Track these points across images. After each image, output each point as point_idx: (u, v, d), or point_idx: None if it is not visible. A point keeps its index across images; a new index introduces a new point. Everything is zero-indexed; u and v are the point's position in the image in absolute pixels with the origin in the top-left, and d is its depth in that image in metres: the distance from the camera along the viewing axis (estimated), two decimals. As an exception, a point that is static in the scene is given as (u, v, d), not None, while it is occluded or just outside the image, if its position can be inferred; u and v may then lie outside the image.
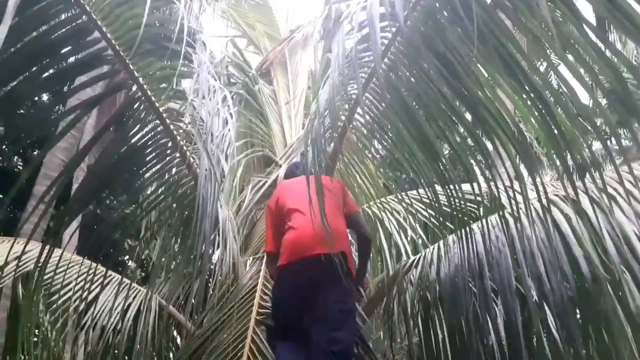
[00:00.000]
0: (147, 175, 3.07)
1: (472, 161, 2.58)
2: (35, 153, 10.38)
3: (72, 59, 2.78)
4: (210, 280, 3.34)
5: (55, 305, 3.67)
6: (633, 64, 1.94)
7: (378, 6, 2.12)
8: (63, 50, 2.73)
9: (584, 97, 2.11)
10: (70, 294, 3.56)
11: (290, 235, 2.58)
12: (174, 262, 4.16)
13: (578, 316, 2.40)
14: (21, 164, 10.54)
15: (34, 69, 2.70)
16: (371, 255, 3.29)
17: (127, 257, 10.57)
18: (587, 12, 2.08)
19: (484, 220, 2.65)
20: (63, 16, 2.69)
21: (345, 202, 2.77)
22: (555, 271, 2.22)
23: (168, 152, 3.03)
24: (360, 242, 2.88)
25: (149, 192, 3.26)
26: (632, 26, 1.75)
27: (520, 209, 2.31)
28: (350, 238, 2.85)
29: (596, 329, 2.28)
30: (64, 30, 2.69)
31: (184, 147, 3.04)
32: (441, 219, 3.15)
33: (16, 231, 6.36)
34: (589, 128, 2.11)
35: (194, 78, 2.60)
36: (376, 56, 2.02)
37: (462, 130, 2.58)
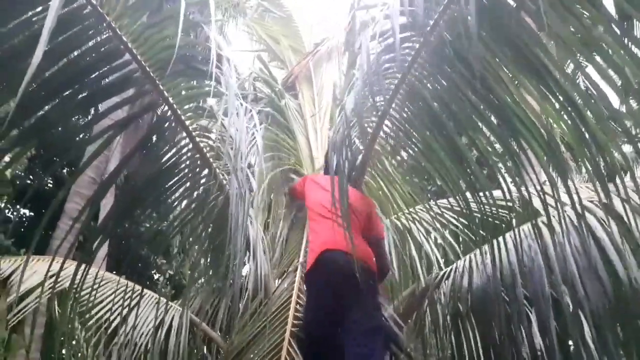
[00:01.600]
0: (178, 193, 3.12)
1: (501, 166, 2.56)
2: (64, 171, 10.64)
3: (103, 82, 2.86)
4: (242, 295, 3.36)
5: (90, 323, 3.74)
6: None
7: (399, 16, 2.13)
8: (95, 74, 2.81)
9: (614, 99, 2.08)
10: (104, 311, 3.62)
11: (315, 239, 2.62)
12: (204, 278, 4.20)
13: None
14: (51, 181, 10.80)
15: (67, 92, 2.79)
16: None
17: (156, 274, 10.72)
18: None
19: (516, 230, 2.61)
20: (95, 40, 2.77)
21: (370, 223, 2.74)
22: (590, 278, 2.17)
23: (197, 169, 3.08)
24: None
25: (179, 210, 3.30)
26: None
27: (553, 216, 2.27)
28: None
29: (636, 336, 2.22)
30: (95, 54, 2.76)
31: (213, 164, 3.09)
32: (473, 227, 3.11)
33: (49, 249, 6.51)
34: (619, 130, 2.07)
35: (222, 98, 2.64)
36: (399, 65, 2.03)
37: (489, 135, 2.56)
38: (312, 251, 2.62)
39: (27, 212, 11.51)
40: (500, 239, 2.66)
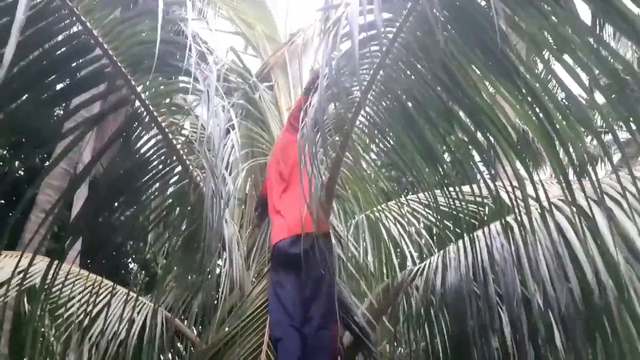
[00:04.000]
0: (152, 189, 3.10)
1: (471, 163, 2.61)
2: (37, 159, 10.39)
3: (76, 76, 2.81)
4: (218, 294, 3.36)
5: (59, 320, 3.70)
6: (628, 62, 1.95)
7: (358, 16, 2.13)
8: (66, 68, 2.76)
9: (580, 93, 2.15)
10: (75, 307, 3.58)
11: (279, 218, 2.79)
12: (178, 273, 4.18)
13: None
14: (22, 170, 10.54)
15: (38, 86, 2.74)
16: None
17: (130, 263, 10.61)
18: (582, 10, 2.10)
19: (487, 228, 2.66)
20: (65, 33, 2.72)
21: None
22: (559, 277, 2.24)
23: (171, 166, 3.06)
24: None
25: (154, 205, 3.28)
26: (626, 24, 1.77)
27: (523, 212, 2.33)
28: None
29: (602, 334, 2.29)
30: (66, 48, 2.72)
31: (187, 161, 3.07)
32: (445, 222, 3.17)
33: (20, 241, 6.38)
34: (585, 128, 2.12)
35: (198, 94, 2.63)
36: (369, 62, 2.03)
37: (459, 132, 2.60)
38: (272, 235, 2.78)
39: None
40: (474, 235, 2.71)
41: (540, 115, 2.07)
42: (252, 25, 6.14)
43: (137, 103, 2.81)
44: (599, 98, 2.07)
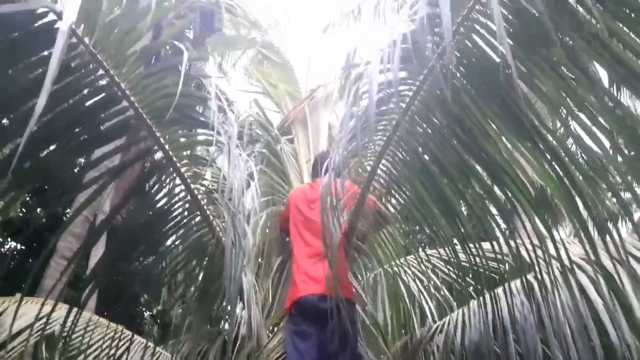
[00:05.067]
0: (171, 239, 3.13)
1: (489, 219, 2.60)
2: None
3: (101, 127, 2.90)
4: (233, 345, 3.33)
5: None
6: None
7: (377, 74, 2.20)
8: (93, 119, 2.86)
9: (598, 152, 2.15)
10: (93, 356, 3.56)
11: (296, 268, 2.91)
12: (194, 322, 4.16)
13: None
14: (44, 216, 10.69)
15: (65, 137, 2.83)
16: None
17: (146, 312, 10.56)
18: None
19: (507, 285, 2.62)
20: (94, 86, 2.82)
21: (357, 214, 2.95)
22: (582, 337, 2.17)
23: (191, 215, 3.10)
24: None
25: (172, 254, 3.31)
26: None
27: (545, 272, 2.29)
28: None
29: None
30: (94, 100, 2.81)
31: (207, 210, 3.10)
32: (464, 278, 3.12)
33: (40, 287, 6.42)
34: (605, 186, 2.12)
35: (219, 146, 2.69)
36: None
37: (478, 188, 2.61)
38: (291, 285, 2.80)
39: (17, 245, 11.37)
40: (494, 292, 2.68)
41: (560, 172, 2.07)
42: (275, 85, 6.38)
43: (160, 154, 2.87)
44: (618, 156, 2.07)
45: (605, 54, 1.85)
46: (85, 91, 2.82)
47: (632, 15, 1.83)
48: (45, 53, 2.48)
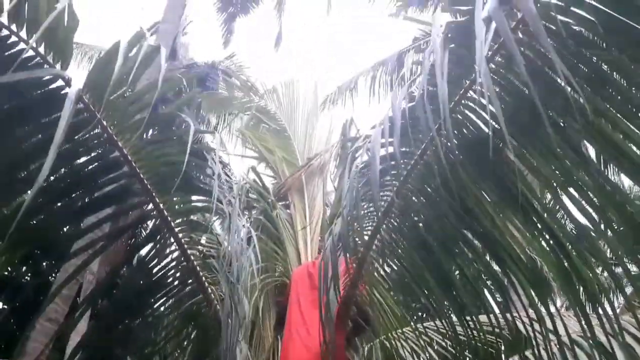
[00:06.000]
0: (164, 306, 3.10)
1: (486, 292, 2.61)
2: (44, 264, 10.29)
3: (101, 191, 2.92)
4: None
5: None
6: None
7: (379, 147, 2.27)
8: (93, 183, 2.88)
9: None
10: None
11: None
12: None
13: None
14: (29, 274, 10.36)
15: (64, 200, 2.85)
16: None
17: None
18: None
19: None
20: (97, 151, 2.87)
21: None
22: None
23: (186, 281, 3.08)
24: None
25: (164, 322, 3.25)
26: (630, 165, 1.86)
27: (543, 348, 2.27)
28: None
29: None
30: (94, 164, 2.85)
31: (202, 277, 3.08)
32: (462, 352, 3.08)
33: (24, 349, 6.20)
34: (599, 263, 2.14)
35: (219, 213, 2.72)
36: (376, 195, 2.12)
37: (472, 258, 2.62)
38: (282, 353, 2.77)
39: (-1, 304, 11.00)
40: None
41: (556, 248, 2.10)
42: (272, 151, 6.48)
43: (159, 220, 2.89)
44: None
45: (593, 133, 1.93)
46: (87, 156, 2.87)
47: (618, 97, 1.92)
48: (48, 119, 2.54)
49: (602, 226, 2.06)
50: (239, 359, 2.84)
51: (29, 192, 2.56)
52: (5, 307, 10.80)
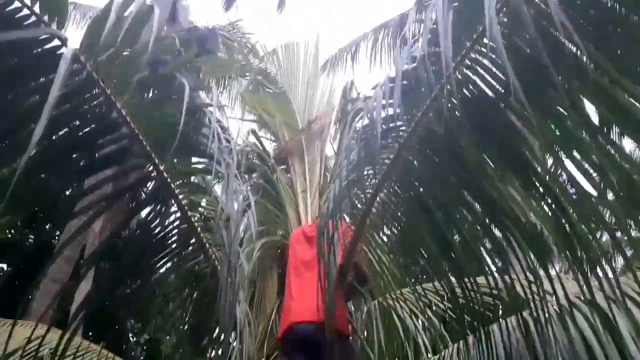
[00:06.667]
0: (166, 266, 3.12)
1: (484, 253, 2.62)
2: (47, 226, 10.38)
3: (100, 153, 2.91)
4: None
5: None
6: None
7: (380, 107, 2.24)
8: (92, 145, 2.86)
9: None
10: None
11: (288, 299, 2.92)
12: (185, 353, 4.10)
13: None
14: (32, 237, 10.45)
15: (64, 162, 2.83)
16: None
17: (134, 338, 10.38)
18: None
19: (502, 321, 2.62)
20: (94, 112, 2.84)
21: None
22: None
23: (187, 243, 3.09)
24: None
25: (166, 282, 3.29)
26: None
27: (540, 309, 2.29)
28: None
29: None
30: (94, 125, 2.83)
31: (203, 238, 3.10)
32: (459, 313, 3.11)
33: (29, 309, 6.29)
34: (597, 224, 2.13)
35: (218, 175, 2.70)
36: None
37: (472, 221, 2.62)
38: (284, 314, 2.78)
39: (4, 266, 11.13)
40: (489, 328, 2.67)
41: (557, 212, 2.09)
42: (272, 114, 6.41)
43: (158, 181, 2.88)
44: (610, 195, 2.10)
45: (597, 92, 1.90)
46: (86, 117, 2.84)
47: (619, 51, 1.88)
48: (44, 79, 2.50)
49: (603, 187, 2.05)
50: (239, 316, 2.88)
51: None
52: (9, 268, 10.96)
